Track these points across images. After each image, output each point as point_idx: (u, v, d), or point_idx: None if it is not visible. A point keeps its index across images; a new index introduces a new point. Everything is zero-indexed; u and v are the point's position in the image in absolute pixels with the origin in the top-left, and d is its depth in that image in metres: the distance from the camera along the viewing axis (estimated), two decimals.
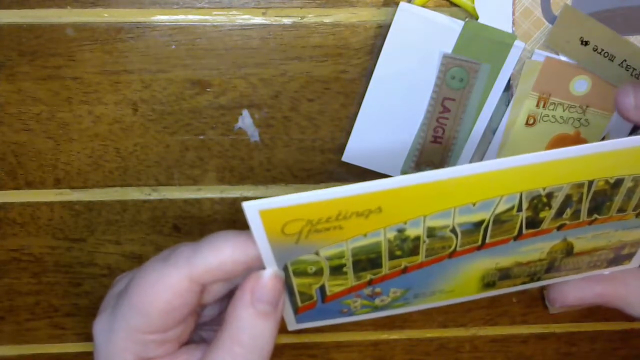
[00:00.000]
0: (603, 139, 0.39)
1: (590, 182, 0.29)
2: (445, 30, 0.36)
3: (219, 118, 0.39)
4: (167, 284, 0.27)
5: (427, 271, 0.30)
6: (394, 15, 0.36)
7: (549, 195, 0.29)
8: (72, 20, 0.37)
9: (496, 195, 0.28)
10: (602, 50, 0.36)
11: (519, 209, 0.29)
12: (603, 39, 0.36)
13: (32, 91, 0.38)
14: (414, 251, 0.29)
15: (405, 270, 0.30)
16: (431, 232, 0.28)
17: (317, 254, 0.28)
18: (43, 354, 0.46)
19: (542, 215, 0.29)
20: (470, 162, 0.40)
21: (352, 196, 0.26)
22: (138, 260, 0.43)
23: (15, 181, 0.41)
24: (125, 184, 0.41)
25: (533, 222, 0.30)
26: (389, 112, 0.39)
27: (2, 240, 0.42)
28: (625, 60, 0.36)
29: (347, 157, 0.40)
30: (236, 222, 0.42)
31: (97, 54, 0.37)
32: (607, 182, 0.29)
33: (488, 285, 0.32)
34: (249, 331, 0.27)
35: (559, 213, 0.30)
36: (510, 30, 0.36)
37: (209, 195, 0.42)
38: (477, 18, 0.36)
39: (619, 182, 0.29)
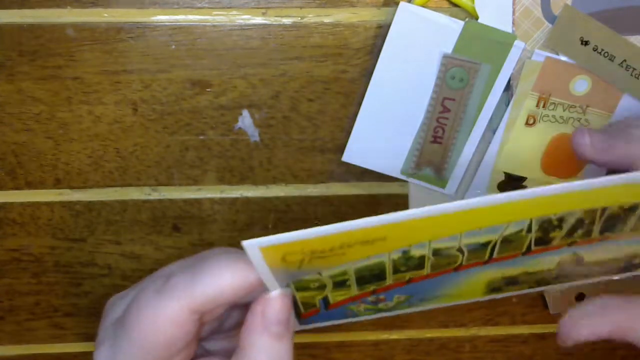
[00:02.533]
0: None
1: (604, 208, 0.28)
2: (445, 30, 0.36)
3: (219, 118, 0.39)
4: (167, 317, 0.26)
5: (432, 281, 0.30)
6: (394, 15, 0.36)
7: (560, 219, 0.28)
8: (72, 20, 0.37)
9: (505, 222, 0.27)
10: (602, 50, 0.36)
11: (529, 231, 0.28)
12: (603, 39, 0.36)
13: (32, 91, 0.38)
14: (419, 266, 0.28)
15: (409, 281, 0.29)
16: (437, 252, 0.28)
17: (319, 274, 0.27)
18: (43, 354, 0.46)
19: (552, 235, 0.29)
20: (470, 162, 0.40)
21: (355, 230, 0.25)
22: (138, 260, 0.43)
23: (15, 181, 0.41)
24: (125, 184, 0.41)
25: (543, 241, 0.29)
26: (389, 112, 0.39)
27: (2, 240, 0.42)
28: (625, 60, 0.36)
29: (347, 157, 0.40)
30: (236, 222, 0.42)
31: (97, 54, 0.37)
32: (621, 207, 0.28)
33: (494, 290, 0.32)
34: (267, 356, 0.27)
35: (570, 234, 0.29)
36: (510, 30, 0.36)
37: (209, 195, 0.42)
38: (477, 18, 0.36)
39: (634, 207, 0.28)
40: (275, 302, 0.27)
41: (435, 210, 0.25)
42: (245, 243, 0.24)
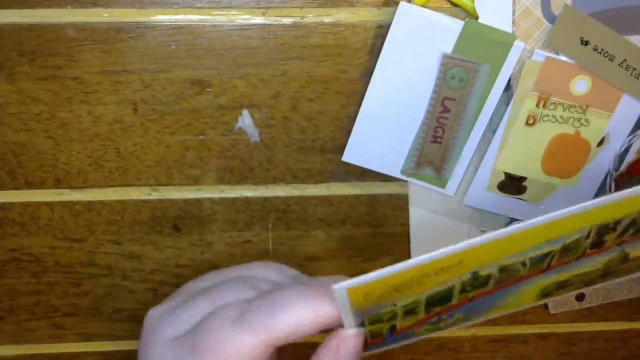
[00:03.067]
0: (603, 139, 0.39)
1: None
2: (445, 30, 0.36)
3: (219, 118, 0.39)
4: (244, 351, 0.27)
5: (492, 295, 0.30)
6: (394, 15, 0.36)
7: (616, 222, 0.29)
8: (72, 20, 0.37)
9: (569, 232, 0.28)
10: (602, 50, 0.36)
11: (587, 237, 0.29)
12: (603, 39, 0.36)
13: (32, 91, 0.38)
14: (484, 284, 0.29)
15: (472, 298, 0.30)
16: (503, 269, 0.29)
17: (394, 305, 0.28)
18: (43, 354, 0.46)
19: (606, 237, 0.29)
20: (470, 162, 0.40)
21: (438, 260, 0.26)
22: (138, 260, 0.43)
23: (15, 181, 0.40)
24: (125, 184, 0.41)
25: (597, 244, 0.30)
26: (389, 112, 0.39)
27: (2, 240, 0.42)
28: (625, 60, 0.36)
29: (347, 157, 0.40)
30: (236, 222, 0.42)
31: (97, 54, 0.37)
32: None
33: (545, 295, 0.32)
34: None
35: (622, 234, 0.29)
36: (510, 30, 0.36)
37: (209, 195, 0.42)
38: (477, 18, 0.36)
39: None
40: (351, 340, 0.27)
41: (511, 230, 0.26)
42: (335, 287, 0.25)
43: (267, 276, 0.32)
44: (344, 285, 0.25)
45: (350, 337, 0.27)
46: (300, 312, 0.27)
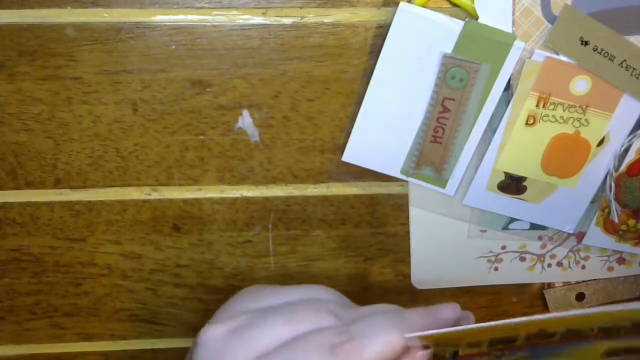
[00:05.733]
0: (603, 139, 0.39)
1: None
2: (445, 30, 0.36)
3: (219, 118, 0.39)
4: None
5: (557, 346, 0.32)
6: (394, 15, 0.36)
7: None
8: (72, 20, 0.37)
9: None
10: (602, 50, 0.36)
11: None
12: (603, 39, 0.36)
13: (32, 91, 0.38)
14: (550, 337, 0.31)
15: (536, 344, 0.31)
16: (570, 330, 0.30)
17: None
18: (43, 354, 0.46)
19: None
20: (470, 162, 0.40)
21: (514, 324, 0.28)
22: (138, 260, 0.43)
23: (15, 181, 0.41)
24: (125, 184, 0.41)
25: None
26: (389, 112, 0.39)
27: (2, 240, 0.42)
28: (625, 60, 0.36)
29: (347, 157, 0.40)
30: (236, 222, 0.42)
31: (97, 54, 0.37)
32: None
33: (610, 355, 0.33)
34: None
35: None
36: (510, 30, 0.36)
37: (209, 195, 0.42)
38: (477, 18, 0.36)
39: None
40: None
41: (574, 313, 0.28)
42: (408, 336, 0.29)
43: (329, 299, 0.34)
44: (416, 335, 0.29)
45: (421, 357, 0.30)
46: (386, 343, 0.29)
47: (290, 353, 0.29)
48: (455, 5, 0.37)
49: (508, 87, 0.38)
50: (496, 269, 0.45)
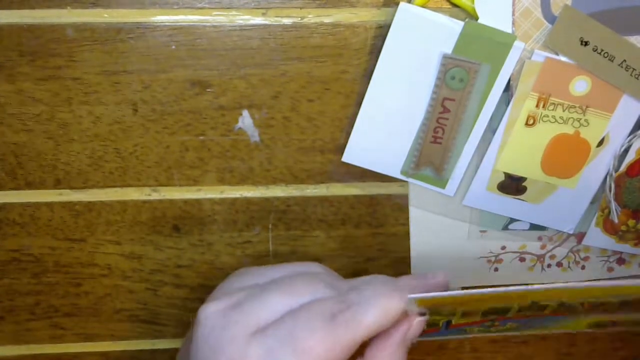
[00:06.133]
0: (603, 139, 0.39)
1: None
2: (445, 31, 0.36)
3: (219, 118, 0.39)
4: (343, 346, 0.29)
5: (546, 318, 0.33)
6: (394, 15, 0.36)
7: None
8: (72, 20, 0.37)
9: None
10: (602, 50, 0.36)
11: None
12: (603, 39, 0.36)
13: (32, 91, 0.38)
14: (541, 309, 0.31)
15: (528, 316, 0.32)
16: (561, 304, 0.31)
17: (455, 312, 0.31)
18: (43, 354, 0.46)
19: None
20: (470, 162, 0.40)
21: (509, 292, 0.29)
22: (138, 260, 0.43)
23: (15, 181, 0.41)
24: (125, 184, 0.41)
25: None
26: (389, 112, 0.39)
27: (2, 240, 0.42)
28: (625, 60, 0.36)
29: (347, 157, 0.40)
30: (236, 222, 0.42)
31: (97, 54, 0.37)
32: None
33: (597, 326, 0.34)
34: None
35: None
36: (510, 31, 0.36)
37: (209, 195, 0.42)
38: (477, 18, 0.36)
39: None
40: (417, 325, 0.31)
41: (592, 284, 0.29)
42: (409, 297, 0.30)
43: (323, 272, 0.34)
44: (415, 297, 0.30)
45: (418, 322, 0.31)
46: (384, 308, 0.29)
47: (292, 323, 0.29)
48: (455, 5, 0.37)
49: (508, 87, 0.38)
50: (496, 269, 0.45)
